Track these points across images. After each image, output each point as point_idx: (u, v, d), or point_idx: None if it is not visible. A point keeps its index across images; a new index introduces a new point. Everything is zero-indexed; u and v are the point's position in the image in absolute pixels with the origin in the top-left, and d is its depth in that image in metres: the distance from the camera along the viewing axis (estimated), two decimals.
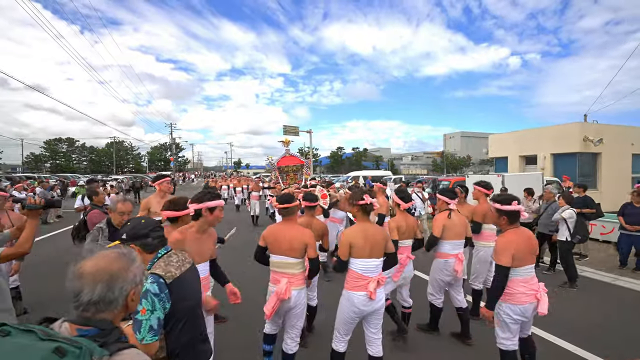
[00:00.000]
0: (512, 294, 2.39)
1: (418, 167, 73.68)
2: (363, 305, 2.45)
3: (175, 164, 46.44)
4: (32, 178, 24.06)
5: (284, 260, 2.55)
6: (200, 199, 2.14)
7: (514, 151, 15.17)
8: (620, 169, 13.14)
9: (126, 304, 0.99)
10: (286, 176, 12.01)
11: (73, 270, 0.96)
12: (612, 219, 7.17)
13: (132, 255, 1.06)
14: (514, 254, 2.36)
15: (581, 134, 12.52)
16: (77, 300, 0.92)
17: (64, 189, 18.26)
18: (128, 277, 0.99)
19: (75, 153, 59.00)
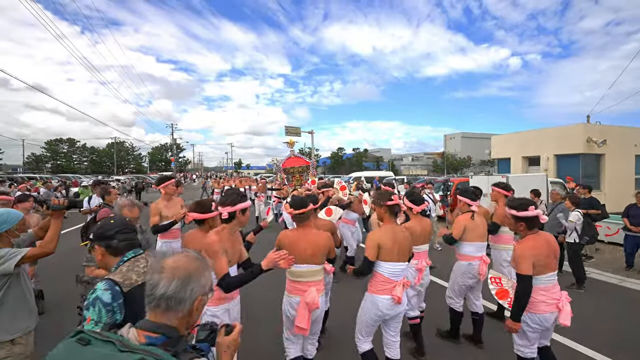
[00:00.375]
0: (532, 303, 2.27)
1: (418, 167, 73.64)
2: (387, 309, 2.42)
3: (176, 164, 46.43)
4: (34, 178, 24.06)
5: (309, 268, 2.39)
6: (233, 201, 2.09)
7: (516, 152, 15.17)
8: (623, 170, 13.14)
9: (191, 310, 0.98)
10: (292, 177, 11.98)
11: (154, 264, 0.99)
12: (617, 221, 7.17)
13: (207, 262, 1.07)
14: (535, 261, 2.23)
15: (584, 135, 12.52)
16: (151, 293, 0.95)
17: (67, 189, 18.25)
18: (201, 281, 0.99)
19: (76, 153, 59.02)
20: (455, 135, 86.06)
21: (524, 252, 2.26)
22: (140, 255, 1.54)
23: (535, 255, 2.24)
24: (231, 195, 2.12)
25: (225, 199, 2.11)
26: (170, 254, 1.02)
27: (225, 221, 2.10)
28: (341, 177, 25.17)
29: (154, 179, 35.96)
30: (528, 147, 14.67)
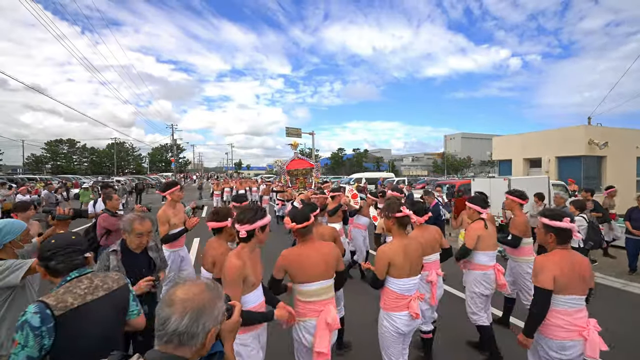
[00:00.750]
0: (546, 325, 2.05)
1: (419, 168, 73.69)
2: (405, 325, 2.31)
3: (176, 165, 46.39)
4: (34, 179, 24.03)
5: (322, 285, 2.17)
6: (252, 218, 1.89)
7: (518, 154, 15.15)
8: (625, 172, 13.11)
9: (204, 343, 0.93)
10: (296, 180, 11.87)
11: (165, 296, 0.94)
12: (619, 224, 7.15)
13: (220, 290, 1.01)
14: (557, 277, 2.00)
15: (586, 137, 12.50)
16: (163, 328, 0.89)
17: (67, 191, 18.21)
18: (213, 313, 0.95)
19: (76, 154, 59.00)
20: (455, 136, 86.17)
21: (546, 263, 2.07)
22: (85, 276, 1.45)
23: (558, 270, 2.01)
24: (249, 212, 1.92)
25: (243, 215, 1.91)
26: (181, 283, 0.97)
27: (244, 240, 1.92)
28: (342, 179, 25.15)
29: (154, 180, 36.01)
30: (529, 148, 14.65)
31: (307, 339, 2.12)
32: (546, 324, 2.05)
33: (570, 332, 2.00)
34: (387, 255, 2.30)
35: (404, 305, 2.29)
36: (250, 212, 1.92)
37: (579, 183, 11.74)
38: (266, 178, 24.21)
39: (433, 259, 3.00)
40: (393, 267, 2.30)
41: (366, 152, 67.54)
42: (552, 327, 2.03)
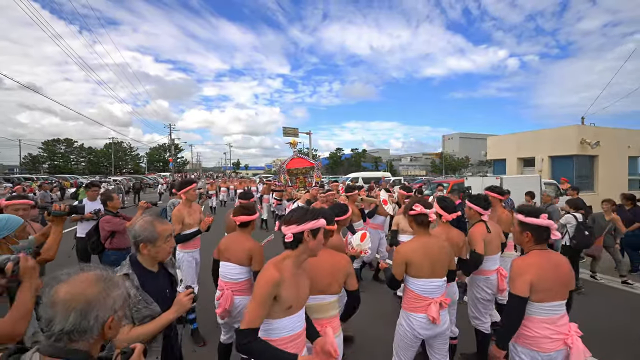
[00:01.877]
0: (533, 337, 1.84)
1: (417, 168, 73.89)
2: (423, 329, 2.16)
3: (174, 164, 46.37)
4: (30, 179, 24.01)
5: (323, 301, 1.89)
6: (300, 218, 1.57)
7: (512, 153, 15.28)
8: (616, 171, 13.27)
9: (102, 333, 0.90)
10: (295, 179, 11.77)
11: (45, 297, 0.86)
12: None
13: (114, 279, 0.97)
14: (535, 283, 1.82)
15: (578, 136, 12.64)
16: (49, 329, 0.84)
17: (62, 190, 18.24)
18: (106, 304, 0.90)
19: (74, 154, 58.86)
20: (453, 136, 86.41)
21: (523, 268, 1.87)
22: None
23: (535, 274, 1.82)
24: (298, 210, 1.62)
25: (291, 215, 1.61)
26: (64, 280, 0.88)
27: (289, 246, 1.57)
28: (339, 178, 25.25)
29: (151, 180, 36.00)
30: (523, 148, 14.78)
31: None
32: (531, 336, 1.85)
33: (556, 342, 1.83)
34: (402, 255, 2.21)
35: (423, 308, 2.16)
36: (300, 210, 1.63)
37: (572, 182, 11.88)
38: (265, 178, 24.27)
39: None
40: (411, 266, 2.19)
41: (364, 152, 67.63)
42: (539, 339, 1.83)
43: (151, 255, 1.66)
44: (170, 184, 23.98)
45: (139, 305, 1.50)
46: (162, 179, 31.61)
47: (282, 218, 10.64)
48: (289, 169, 11.05)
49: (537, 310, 1.85)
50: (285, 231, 1.56)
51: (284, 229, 1.58)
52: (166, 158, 58.78)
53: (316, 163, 11.76)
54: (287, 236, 1.54)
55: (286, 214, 1.71)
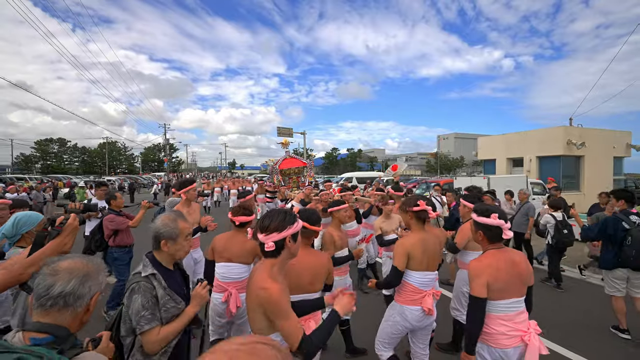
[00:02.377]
0: (489, 334, 1.88)
1: (412, 167, 74.35)
2: (417, 320, 2.29)
3: (168, 164, 46.21)
4: (23, 179, 23.82)
5: (305, 299, 1.91)
6: (280, 225, 1.47)
7: (501, 154, 15.58)
8: (602, 171, 13.61)
9: (88, 306, 1.05)
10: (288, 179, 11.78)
11: (46, 269, 1.02)
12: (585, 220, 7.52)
13: (102, 264, 1.16)
14: (490, 282, 1.84)
15: (565, 137, 12.96)
16: (47, 293, 0.97)
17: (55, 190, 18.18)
18: (98, 279, 1.09)
19: (67, 154, 58.31)
20: (448, 136, 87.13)
21: (478, 270, 1.89)
22: None
23: (491, 275, 1.85)
24: (276, 215, 1.52)
25: (268, 221, 1.50)
26: (63, 259, 1.06)
27: (271, 255, 1.49)
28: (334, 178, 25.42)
29: (146, 180, 35.84)
30: (512, 148, 15.09)
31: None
32: (489, 333, 1.89)
33: (513, 339, 1.85)
34: (405, 247, 2.27)
35: (418, 301, 2.28)
36: (277, 215, 1.52)
37: (559, 182, 12.18)
38: (259, 177, 24.35)
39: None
40: (412, 259, 2.27)
41: (360, 152, 67.95)
42: (496, 335, 1.86)
43: (170, 252, 1.63)
44: (165, 184, 23.98)
45: (168, 305, 1.50)
46: (157, 179, 31.53)
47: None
48: (281, 170, 11.07)
49: (493, 308, 1.88)
50: (264, 240, 1.46)
51: (262, 238, 1.47)
52: (161, 158, 58.54)
53: (309, 163, 11.80)
54: (268, 245, 1.45)
55: (259, 220, 1.56)
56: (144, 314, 1.43)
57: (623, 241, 3.58)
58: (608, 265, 3.73)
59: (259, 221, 1.57)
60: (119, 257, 4.17)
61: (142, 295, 1.46)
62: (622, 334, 3.68)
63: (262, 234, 1.48)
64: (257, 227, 1.55)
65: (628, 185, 15.16)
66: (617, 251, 3.63)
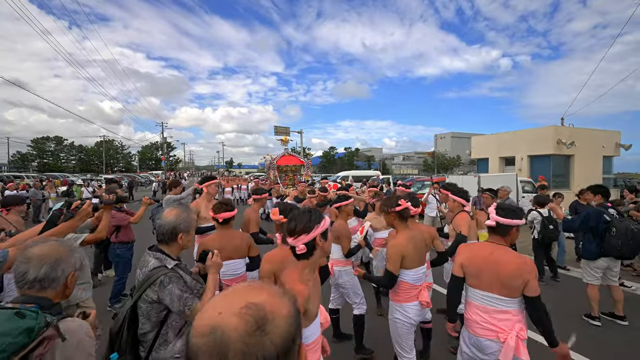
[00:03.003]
0: (467, 319, 2.05)
1: (409, 167, 74.72)
2: (417, 315, 2.38)
3: (166, 163, 46.18)
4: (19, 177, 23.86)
5: None
6: (307, 226, 1.44)
7: (494, 153, 15.86)
8: (591, 170, 13.91)
9: (66, 284, 1.18)
10: (285, 176, 11.88)
11: (21, 257, 1.11)
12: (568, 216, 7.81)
13: (74, 245, 1.27)
14: (464, 264, 2.06)
15: (555, 137, 13.24)
16: (23, 279, 1.08)
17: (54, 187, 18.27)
18: (69, 262, 1.18)
19: (64, 152, 58.10)
20: (445, 135, 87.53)
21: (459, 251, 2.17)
22: None
23: (467, 259, 2.06)
24: (301, 216, 1.47)
25: (295, 223, 1.45)
26: (34, 245, 1.15)
27: (303, 257, 1.46)
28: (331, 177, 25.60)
29: (143, 178, 35.88)
30: (504, 148, 15.36)
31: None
32: (467, 318, 2.04)
33: (486, 330, 1.92)
34: (400, 249, 2.31)
35: (415, 296, 2.37)
36: (302, 216, 1.47)
37: (549, 181, 12.46)
38: (256, 176, 24.48)
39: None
40: (405, 259, 2.33)
41: (357, 151, 68.12)
42: (471, 322, 1.99)
43: (182, 244, 1.67)
44: (162, 182, 24.09)
45: (197, 287, 1.67)
46: (154, 177, 31.62)
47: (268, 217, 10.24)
48: (279, 165, 11.19)
49: (471, 294, 2.02)
50: (294, 243, 1.44)
51: (292, 242, 1.45)
52: (158, 156, 58.44)
53: (306, 162, 11.93)
54: (300, 248, 1.43)
55: (287, 224, 1.51)
56: (186, 297, 1.53)
57: (606, 232, 3.83)
58: (591, 256, 3.96)
59: (286, 225, 1.52)
60: (121, 253, 4.32)
61: (176, 284, 1.54)
62: (593, 321, 3.93)
63: (291, 237, 1.45)
64: (285, 231, 1.50)
65: (618, 184, 15.51)
66: (599, 242, 3.87)
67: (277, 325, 0.50)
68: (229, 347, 0.46)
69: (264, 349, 0.48)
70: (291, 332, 0.52)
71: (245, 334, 0.48)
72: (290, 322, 0.53)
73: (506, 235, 2.00)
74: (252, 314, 0.50)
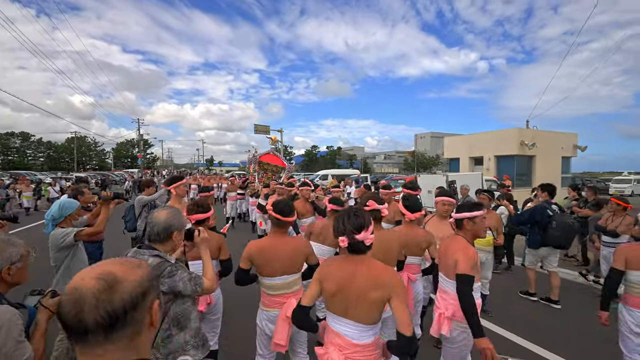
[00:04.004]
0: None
1: (390, 165, 76.34)
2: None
3: (142, 161, 44.73)
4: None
5: (286, 280, 2.16)
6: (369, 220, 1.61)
7: (465, 153, 16.68)
8: (551, 170, 14.96)
9: (1, 277, 1.28)
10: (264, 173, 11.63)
11: None
12: None
13: (12, 240, 1.36)
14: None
15: (518, 138, 14.14)
16: None
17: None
18: (3, 256, 1.26)
19: (31, 148, 54.95)
20: (425, 135, 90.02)
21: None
22: None
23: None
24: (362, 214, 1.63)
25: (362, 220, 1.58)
26: None
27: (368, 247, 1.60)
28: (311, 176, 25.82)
29: (118, 176, 34.55)
30: (474, 148, 16.20)
31: (269, 328, 2.16)
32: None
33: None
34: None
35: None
36: (363, 213, 1.63)
37: (513, 180, 13.32)
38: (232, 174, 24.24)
39: (411, 262, 2.82)
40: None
41: (339, 150, 68.78)
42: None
43: (176, 242, 1.71)
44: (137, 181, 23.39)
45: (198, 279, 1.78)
46: (127, 175, 30.61)
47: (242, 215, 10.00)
48: (261, 161, 10.91)
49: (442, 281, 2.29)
50: (364, 237, 1.54)
51: (362, 236, 1.54)
52: (134, 154, 56.49)
53: (289, 166, 11.68)
54: (370, 239, 1.56)
55: (350, 222, 1.57)
56: (193, 277, 1.71)
57: (548, 225, 4.38)
58: (535, 245, 4.58)
59: (348, 224, 1.56)
60: (92, 252, 4.22)
61: (182, 269, 1.68)
62: (554, 305, 4.41)
63: (361, 232, 1.54)
64: (350, 230, 1.55)
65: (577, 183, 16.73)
66: (542, 233, 4.46)
67: (125, 286, 0.66)
68: (85, 302, 0.62)
69: (112, 303, 0.63)
70: (139, 291, 0.67)
71: (98, 292, 0.63)
72: (140, 284, 0.68)
73: (461, 228, 2.21)
74: (105, 277, 0.65)
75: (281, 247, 2.14)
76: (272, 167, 11.15)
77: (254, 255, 2.14)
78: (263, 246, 2.15)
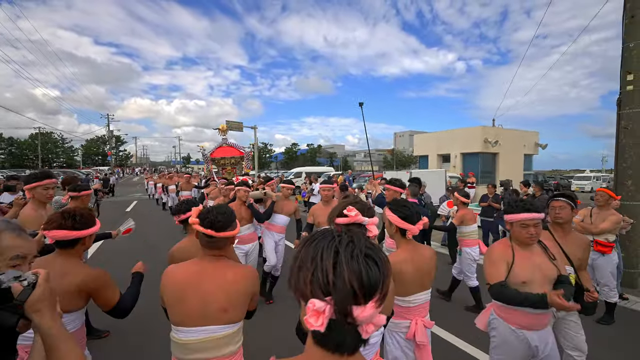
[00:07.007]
0: None
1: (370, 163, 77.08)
2: None
3: (113, 158, 42.79)
4: None
5: (207, 336, 1.30)
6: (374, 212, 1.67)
7: (433, 150, 16.98)
8: (514, 167, 15.49)
9: None
10: (222, 170, 10.70)
11: None
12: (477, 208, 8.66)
13: None
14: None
15: (482, 136, 14.52)
16: None
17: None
18: None
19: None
20: (404, 133, 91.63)
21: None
22: None
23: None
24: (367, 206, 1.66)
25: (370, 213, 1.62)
26: None
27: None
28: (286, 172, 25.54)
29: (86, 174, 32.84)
30: (442, 145, 16.51)
31: None
32: None
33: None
34: None
35: None
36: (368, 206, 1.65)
37: (477, 176, 13.67)
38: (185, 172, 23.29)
39: (417, 301, 1.82)
40: None
41: (320, 148, 68.79)
42: None
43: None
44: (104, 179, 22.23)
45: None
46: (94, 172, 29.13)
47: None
48: (214, 158, 10.05)
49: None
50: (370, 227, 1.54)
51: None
52: (105, 151, 53.92)
53: (246, 152, 10.57)
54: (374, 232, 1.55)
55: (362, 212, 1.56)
56: None
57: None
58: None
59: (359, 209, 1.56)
60: None
61: None
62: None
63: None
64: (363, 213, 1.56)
65: (540, 180, 17.43)
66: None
67: None
68: None
69: None
70: None
71: None
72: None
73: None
74: None
75: (208, 280, 1.32)
76: (228, 161, 10.23)
77: (164, 288, 1.35)
78: (178, 276, 1.34)
